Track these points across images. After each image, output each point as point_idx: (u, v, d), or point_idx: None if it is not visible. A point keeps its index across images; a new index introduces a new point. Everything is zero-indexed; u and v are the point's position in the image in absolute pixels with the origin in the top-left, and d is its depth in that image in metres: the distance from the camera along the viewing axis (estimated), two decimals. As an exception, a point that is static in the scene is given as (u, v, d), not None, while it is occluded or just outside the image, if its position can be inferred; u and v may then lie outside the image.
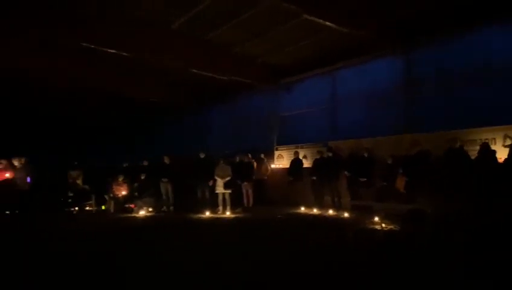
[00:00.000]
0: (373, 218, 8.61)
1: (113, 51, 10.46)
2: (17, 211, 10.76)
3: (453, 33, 9.65)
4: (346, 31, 9.72)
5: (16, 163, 11.13)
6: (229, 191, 11.11)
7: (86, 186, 12.42)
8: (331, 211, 10.44)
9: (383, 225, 8.03)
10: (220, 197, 11.17)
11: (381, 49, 10.98)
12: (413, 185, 9.03)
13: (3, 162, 11.11)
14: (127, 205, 12.17)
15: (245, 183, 11.99)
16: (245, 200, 12.07)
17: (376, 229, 7.90)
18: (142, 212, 11.48)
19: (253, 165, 12.51)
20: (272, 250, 6.29)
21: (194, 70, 12.48)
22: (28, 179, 11.00)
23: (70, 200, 12.10)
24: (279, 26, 10.24)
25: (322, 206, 10.95)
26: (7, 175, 10.86)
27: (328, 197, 11.07)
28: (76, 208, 11.92)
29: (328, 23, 9.23)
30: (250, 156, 12.59)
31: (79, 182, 12.47)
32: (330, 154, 11.18)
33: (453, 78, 9.60)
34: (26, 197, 10.93)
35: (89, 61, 12.22)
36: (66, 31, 9.56)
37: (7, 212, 10.73)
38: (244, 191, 12.07)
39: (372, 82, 11.36)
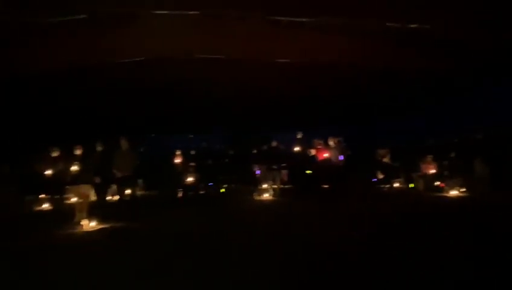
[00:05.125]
0: None
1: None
2: (335, 186, 12.44)
3: None
4: None
5: (330, 143, 12.85)
6: None
7: (395, 164, 12.92)
8: None
9: None
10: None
11: None
12: None
13: (321, 142, 13.02)
14: (436, 184, 11.98)
15: None
16: None
17: None
18: (452, 192, 10.97)
19: None
20: None
21: None
22: (341, 157, 12.51)
23: (380, 177, 12.93)
24: None
25: None
26: (325, 155, 12.68)
27: None
28: (387, 185, 12.62)
29: None
30: None
31: (386, 160, 13.11)
32: None
33: None
34: (340, 173, 12.49)
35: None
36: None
37: (326, 186, 12.55)
38: None
39: None
